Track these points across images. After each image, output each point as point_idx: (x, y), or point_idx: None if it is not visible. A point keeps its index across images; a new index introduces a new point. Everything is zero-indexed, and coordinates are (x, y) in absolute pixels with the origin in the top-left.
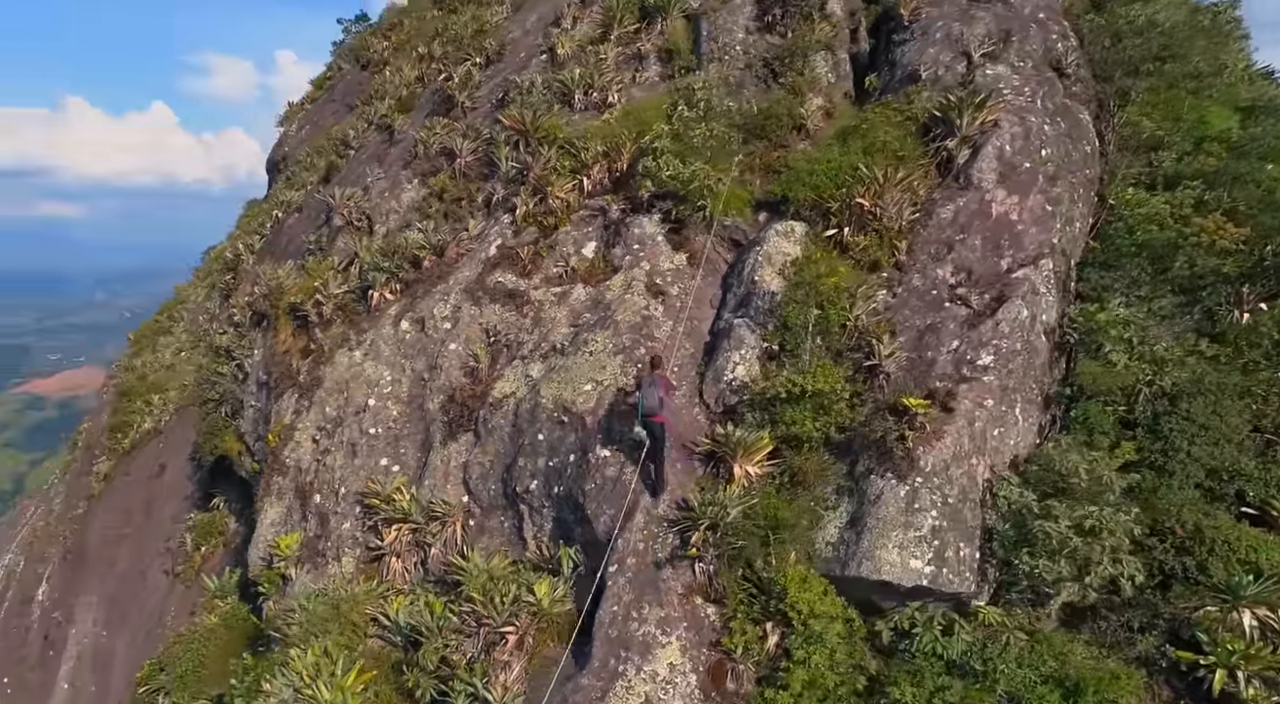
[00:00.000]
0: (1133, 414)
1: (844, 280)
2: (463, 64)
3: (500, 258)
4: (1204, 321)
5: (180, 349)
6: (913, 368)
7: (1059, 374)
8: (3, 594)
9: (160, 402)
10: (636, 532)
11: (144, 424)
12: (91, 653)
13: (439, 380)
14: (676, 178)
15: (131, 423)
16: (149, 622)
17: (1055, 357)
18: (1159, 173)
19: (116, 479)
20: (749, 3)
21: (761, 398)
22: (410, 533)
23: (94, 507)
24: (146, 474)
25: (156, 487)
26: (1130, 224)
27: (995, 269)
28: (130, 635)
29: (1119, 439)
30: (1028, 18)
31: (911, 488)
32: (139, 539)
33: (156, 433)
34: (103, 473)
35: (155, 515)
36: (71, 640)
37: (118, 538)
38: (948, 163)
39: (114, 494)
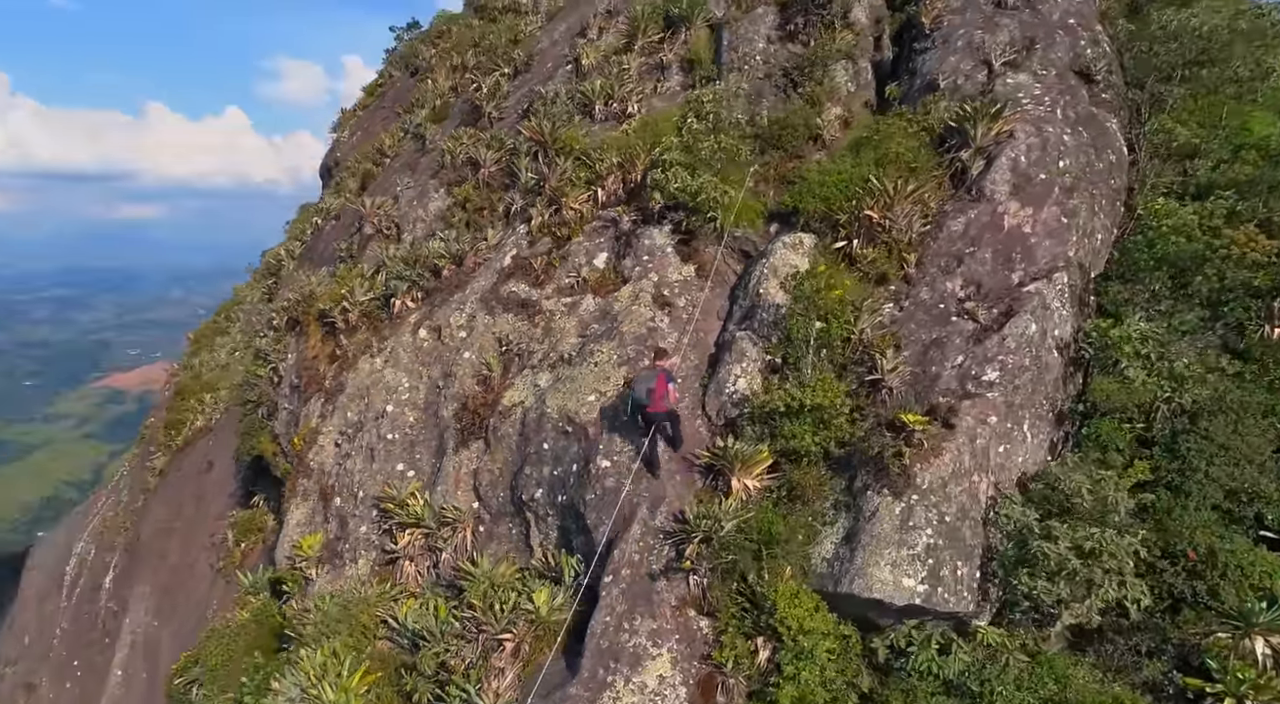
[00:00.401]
0: (1150, 432)
1: (850, 293)
2: (491, 74)
3: (515, 268)
4: (1231, 337)
5: (235, 349)
6: (916, 383)
7: (1074, 390)
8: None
9: (211, 400)
10: (632, 542)
11: (196, 422)
12: (143, 641)
13: (453, 388)
14: (684, 190)
15: (185, 420)
16: (195, 613)
17: (1070, 372)
18: (1192, 182)
19: (170, 474)
20: (771, 12)
21: (761, 411)
22: (423, 537)
23: (149, 500)
24: (196, 470)
25: (205, 482)
26: (1151, 237)
27: (1005, 283)
28: (178, 626)
29: (1133, 458)
30: (1055, 24)
31: (907, 505)
32: (189, 533)
33: (207, 430)
34: (158, 468)
35: (203, 510)
36: (125, 629)
37: (169, 531)
38: (962, 174)
39: (167, 488)
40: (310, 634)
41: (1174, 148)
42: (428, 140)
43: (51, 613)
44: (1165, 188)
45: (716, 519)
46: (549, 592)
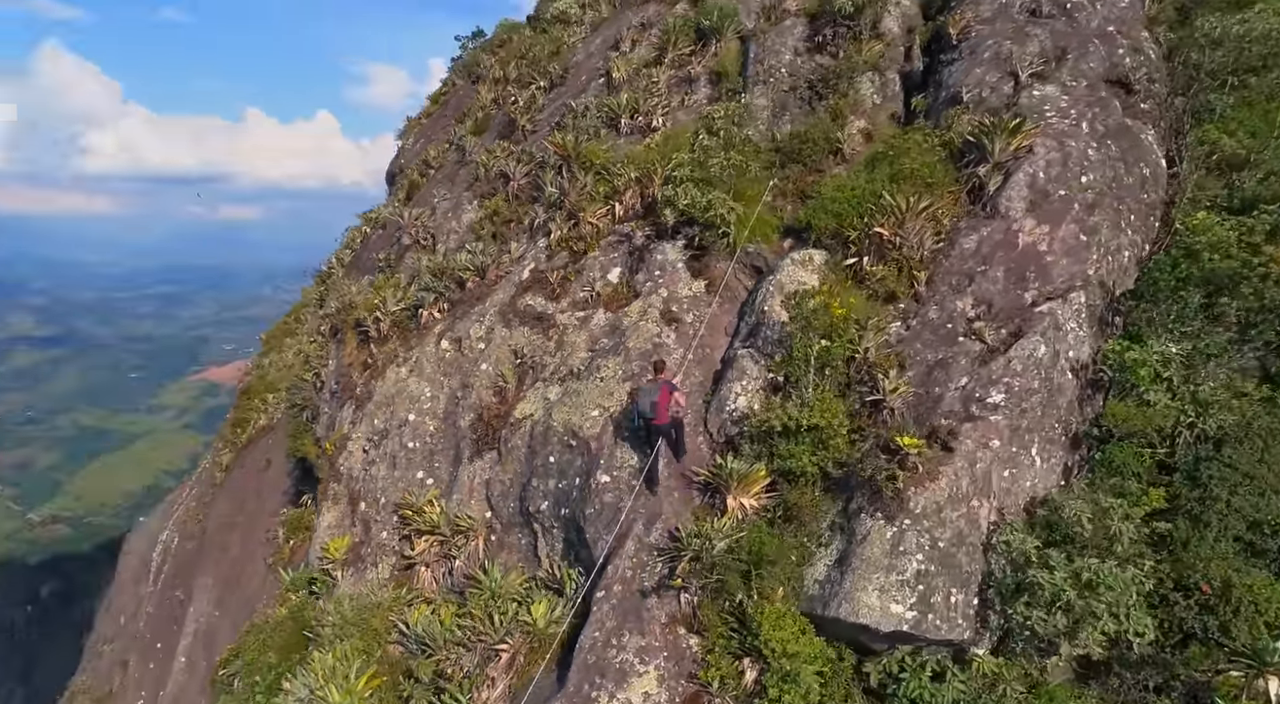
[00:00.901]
0: (1173, 458)
1: (858, 311)
2: (528, 87)
3: (532, 281)
4: (1267, 359)
5: (300, 351)
6: (919, 404)
7: (1092, 413)
8: (160, 567)
9: (274, 400)
10: (626, 558)
11: (259, 420)
12: (205, 630)
13: (470, 399)
14: (694, 206)
15: (249, 419)
16: (249, 606)
17: (1089, 394)
18: (1237, 195)
19: (234, 470)
20: (800, 23)
21: (759, 430)
22: (438, 545)
23: (216, 494)
24: (257, 468)
25: (264, 480)
26: (1176, 256)
27: (1018, 302)
28: (234, 617)
29: (1151, 484)
30: (1092, 32)
31: (898, 529)
32: (249, 527)
33: (268, 429)
34: (224, 463)
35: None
36: (190, 617)
37: (232, 525)
38: (979, 190)
39: (231, 484)
40: (327, 635)
41: (1219, 159)
42: (467, 152)
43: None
44: (1209, 201)
45: (707, 538)
46: (547, 604)
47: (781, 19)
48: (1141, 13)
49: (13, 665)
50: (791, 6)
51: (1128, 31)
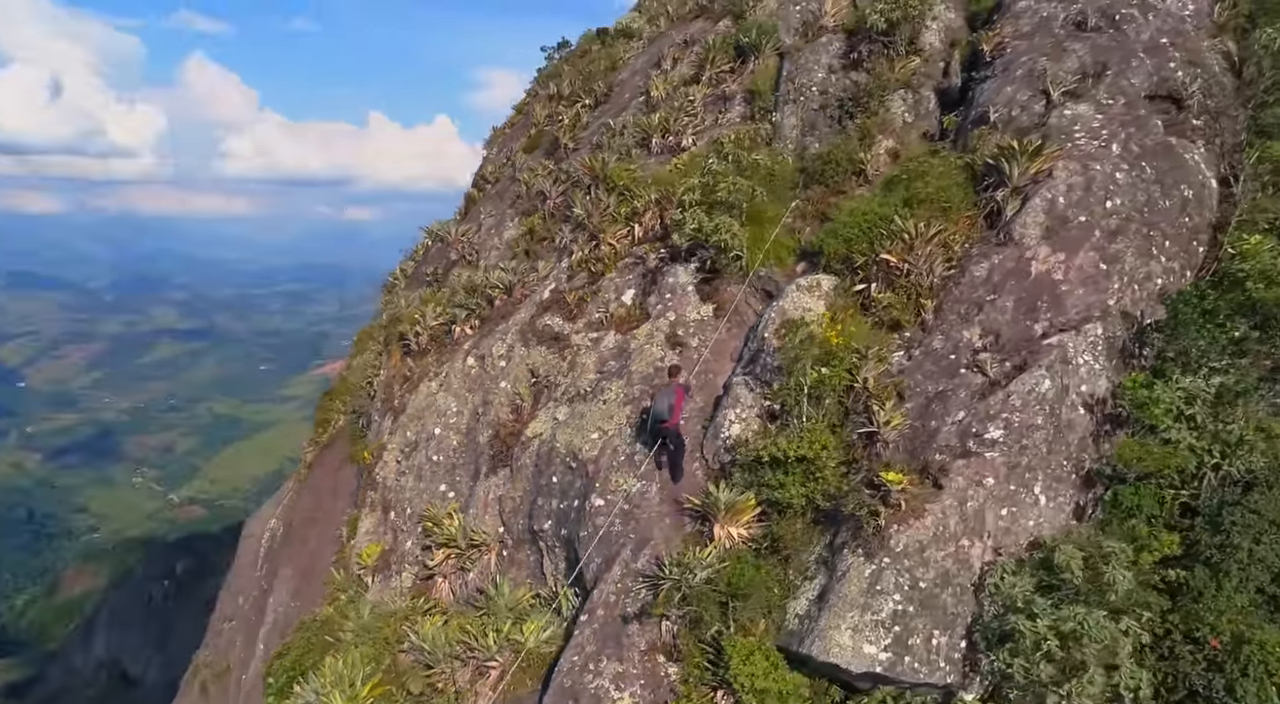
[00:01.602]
0: (1197, 500)
1: (859, 339)
2: (574, 106)
3: (552, 301)
4: None
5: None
6: (915, 437)
7: (1110, 450)
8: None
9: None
10: (611, 583)
11: (338, 421)
12: (281, 620)
13: (489, 415)
14: (700, 231)
15: (330, 419)
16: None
17: (1106, 431)
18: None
19: (315, 468)
20: (837, 40)
21: (749, 459)
22: (455, 557)
23: (301, 489)
24: (333, 467)
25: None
26: (1203, 286)
27: (1027, 334)
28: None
29: (1165, 529)
30: (1141, 45)
31: (877, 567)
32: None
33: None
34: (308, 461)
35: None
36: (270, 606)
37: (312, 520)
38: (997, 216)
39: (313, 480)
40: (347, 640)
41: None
42: (517, 169)
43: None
44: (1267, 224)
45: (689, 568)
46: (540, 623)
47: (818, 35)
48: (1208, 21)
49: (151, 634)
50: (829, 23)
51: (1184, 43)
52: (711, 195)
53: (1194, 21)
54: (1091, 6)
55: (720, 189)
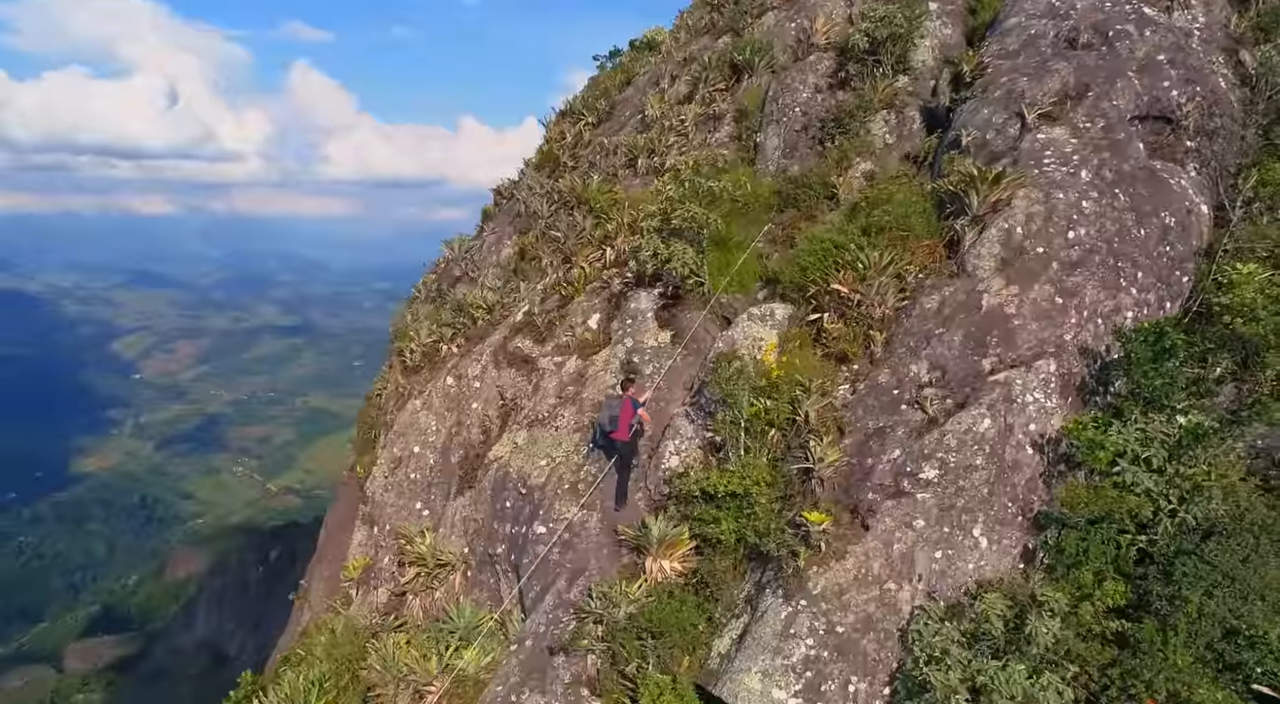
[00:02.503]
0: (1154, 547)
1: (806, 372)
2: (577, 122)
3: (524, 323)
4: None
5: None
6: (851, 475)
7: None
8: None
9: None
10: (542, 614)
11: None
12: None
13: (461, 435)
14: (655, 258)
15: None
16: None
17: (1059, 471)
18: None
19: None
20: (827, 58)
21: (683, 493)
22: (425, 576)
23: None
24: None
25: None
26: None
27: (974, 369)
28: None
29: (1117, 576)
30: (1134, 62)
31: (793, 610)
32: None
33: None
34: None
35: None
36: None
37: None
38: (958, 245)
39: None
40: (317, 654)
41: None
42: (518, 186)
43: None
44: (1266, 251)
45: (613, 602)
46: (479, 650)
47: (809, 53)
48: (1221, 34)
49: (246, 618)
50: (820, 41)
51: (1184, 59)
52: (668, 223)
53: (1204, 35)
54: (1085, 22)
55: (675, 216)
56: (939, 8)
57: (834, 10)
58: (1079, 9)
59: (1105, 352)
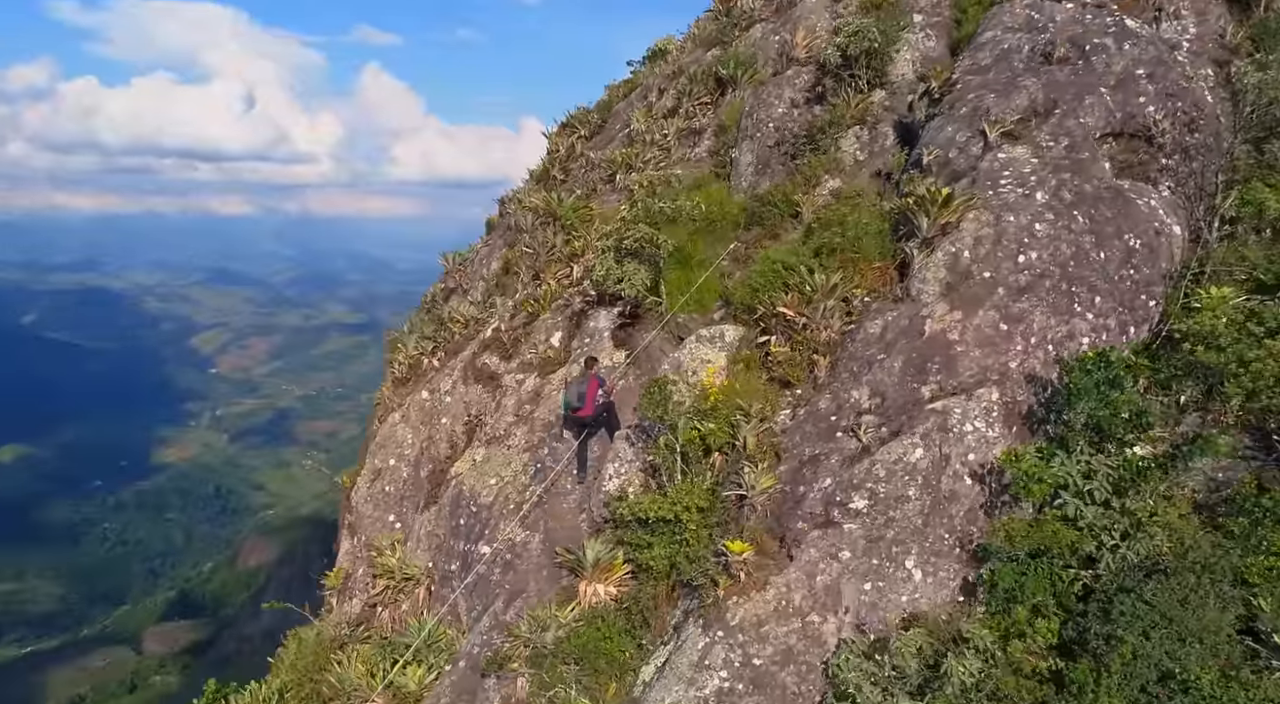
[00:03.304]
0: (1099, 583)
1: (745, 395)
2: (571, 135)
3: (493, 339)
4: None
5: None
6: (783, 502)
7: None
8: None
9: None
10: (478, 635)
11: None
12: None
13: (431, 450)
14: (608, 277)
15: None
16: None
17: (1004, 502)
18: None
19: None
20: (806, 72)
21: (618, 517)
22: (393, 589)
23: None
24: None
25: None
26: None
27: (913, 397)
28: None
29: (1052, 613)
30: (1111, 77)
31: (710, 640)
32: None
33: None
34: None
35: None
36: None
37: None
38: (908, 268)
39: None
40: (286, 663)
41: (1265, 222)
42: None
43: None
44: (1245, 273)
45: (543, 626)
46: (428, 666)
47: (788, 67)
48: (1212, 45)
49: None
50: (800, 54)
51: (1164, 73)
52: (621, 243)
53: (1194, 47)
54: (1062, 36)
55: (627, 237)
56: (923, 19)
57: (817, 23)
58: (1057, 22)
59: (1057, 379)
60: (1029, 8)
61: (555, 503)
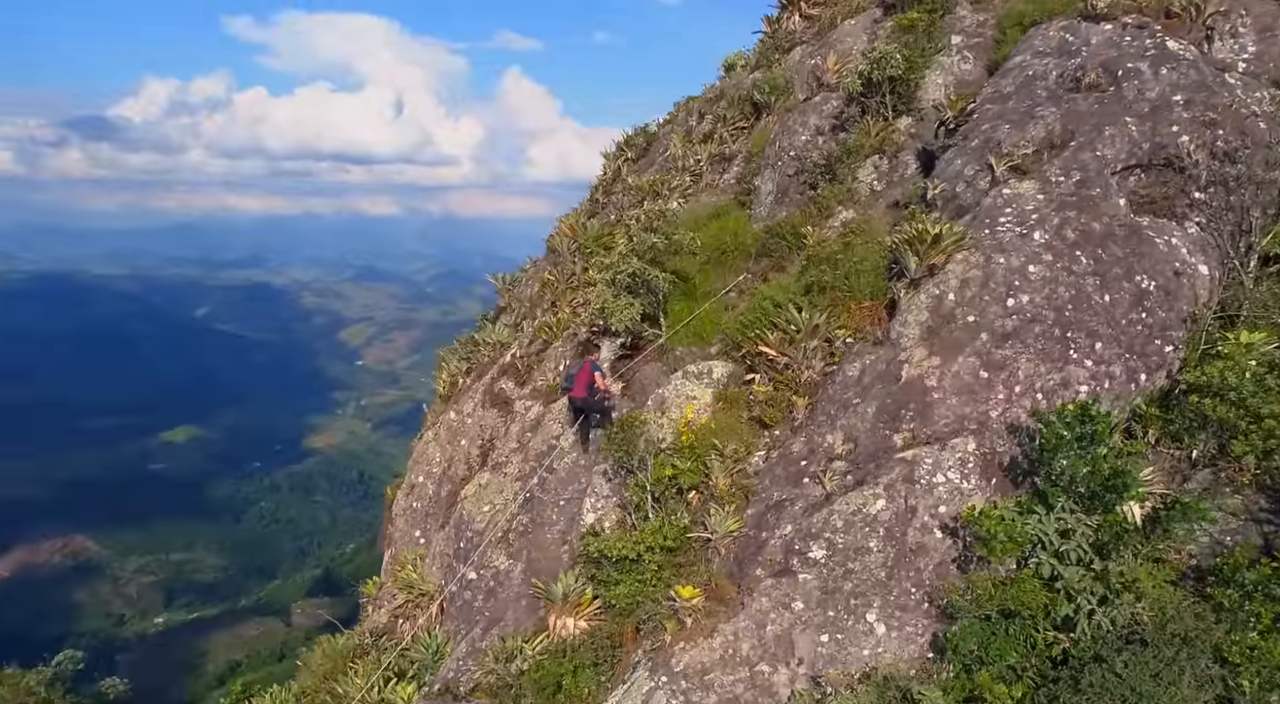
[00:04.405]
0: (1078, 647)
1: (722, 435)
2: (619, 158)
3: (511, 364)
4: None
5: None
6: (746, 547)
7: None
8: None
9: None
10: (454, 660)
11: None
12: None
13: (452, 470)
14: (603, 311)
15: None
16: None
17: (980, 558)
18: None
19: None
20: (835, 98)
21: (586, 553)
22: (411, 603)
23: None
24: None
25: None
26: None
27: (884, 444)
28: None
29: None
30: (1145, 104)
31: (653, 685)
32: None
33: None
34: None
35: None
36: None
37: None
38: (896, 308)
39: None
40: (309, 669)
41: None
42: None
43: None
44: None
45: (509, 657)
46: (412, 687)
47: (817, 93)
48: (1272, 67)
49: None
50: (831, 79)
51: (1206, 99)
52: (615, 277)
53: (1252, 67)
54: (1094, 61)
55: (622, 272)
56: (962, 41)
57: (854, 45)
58: (1092, 45)
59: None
60: (1064, 30)
61: (539, 533)
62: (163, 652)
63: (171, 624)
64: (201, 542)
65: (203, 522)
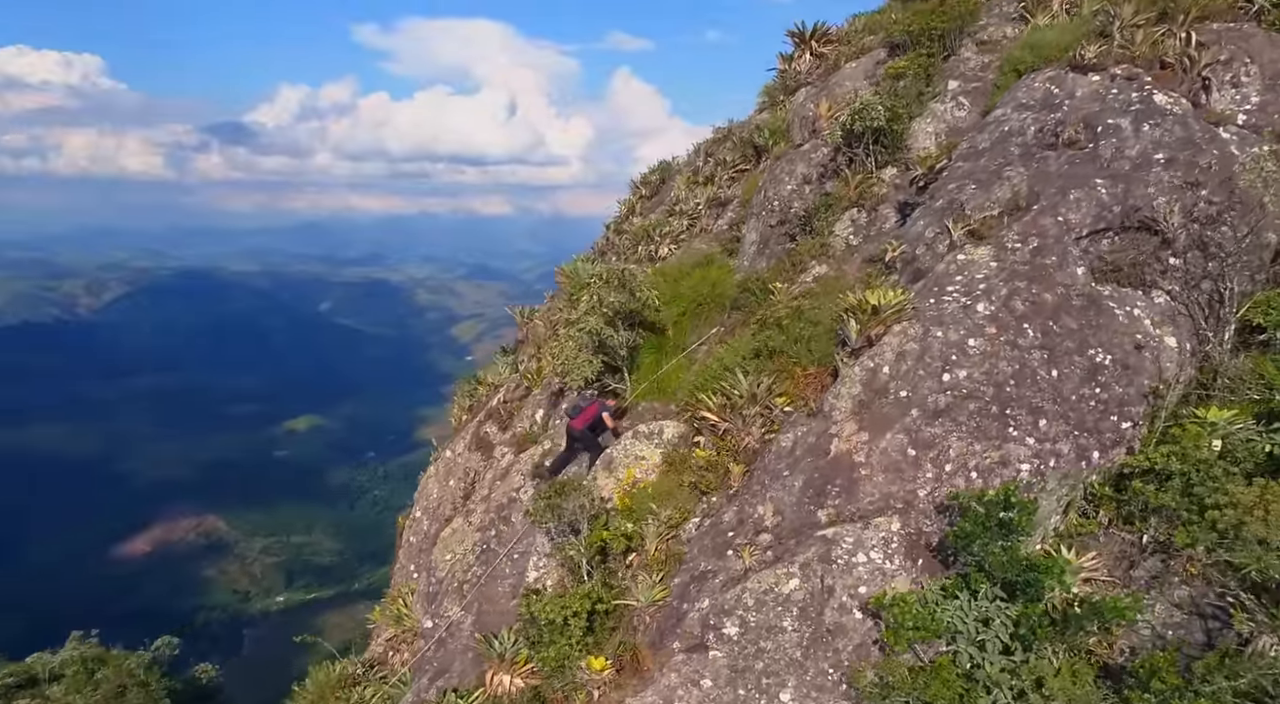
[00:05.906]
0: None
1: (659, 499)
2: (635, 196)
3: (496, 409)
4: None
5: None
6: (669, 617)
7: None
8: None
9: None
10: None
11: None
12: None
13: (440, 509)
14: (564, 365)
15: None
16: None
17: None
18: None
19: None
20: (825, 145)
21: (522, 612)
22: (400, 635)
23: None
24: None
25: None
26: (1009, 487)
27: (809, 519)
28: None
29: None
30: (1122, 162)
31: None
32: None
33: None
34: None
35: None
36: None
37: None
38: (837, 376)
39: None
40: (308, 693)
41: None
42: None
43: None
44: (1259, 394)
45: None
46: None
47: (810, 139)
48: (1275, 117)
49: None
50: (824, 126)
51: (1191, 157)
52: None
53: (1252, 119)
54: (1076, 116)
55: (581, 328)
56: (959, 86)
57: (853, 88)
58: (1076, 98)
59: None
60: (1050, 81)
61: (492, 586)
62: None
63: (291, 603)
64: (320, 526)
65: (321, 507)
